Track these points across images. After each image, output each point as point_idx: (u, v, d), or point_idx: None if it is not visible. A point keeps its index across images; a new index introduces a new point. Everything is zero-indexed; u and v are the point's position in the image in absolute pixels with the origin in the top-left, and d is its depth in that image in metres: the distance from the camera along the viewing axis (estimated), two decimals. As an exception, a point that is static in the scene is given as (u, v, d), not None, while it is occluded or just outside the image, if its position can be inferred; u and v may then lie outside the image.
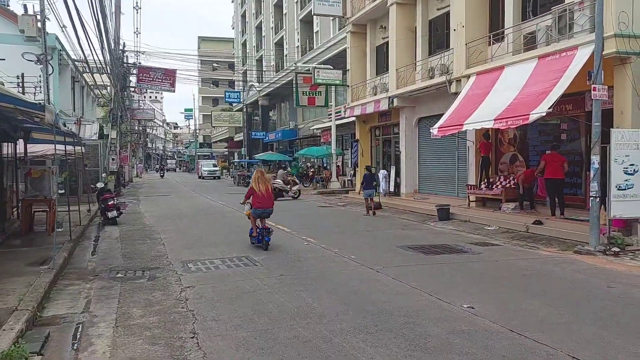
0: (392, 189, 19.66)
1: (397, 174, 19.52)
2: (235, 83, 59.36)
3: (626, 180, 9.23)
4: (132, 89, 38.01)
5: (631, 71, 9.83)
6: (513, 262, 8.48)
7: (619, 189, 9.22)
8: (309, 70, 28.03)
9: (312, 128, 34.40)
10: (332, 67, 24.83)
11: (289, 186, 22.79)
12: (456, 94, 14.63)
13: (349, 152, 30.04)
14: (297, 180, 23.78)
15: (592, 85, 9.19)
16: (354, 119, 23.75)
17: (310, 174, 31.31)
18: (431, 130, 13.76)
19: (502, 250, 9.66)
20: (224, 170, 53.73)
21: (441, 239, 10.90)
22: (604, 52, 9.35)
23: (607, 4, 9.39)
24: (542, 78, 11.04)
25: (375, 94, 20.88)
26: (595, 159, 9.33)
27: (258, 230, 9.85)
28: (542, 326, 5.20)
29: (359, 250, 9.64)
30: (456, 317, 5.53)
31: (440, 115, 15.56)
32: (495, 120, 11.15)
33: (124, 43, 29.31)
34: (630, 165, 9.25)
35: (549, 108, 9.82)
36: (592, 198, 9.36)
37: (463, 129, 12.51)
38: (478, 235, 11.48)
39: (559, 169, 11.56)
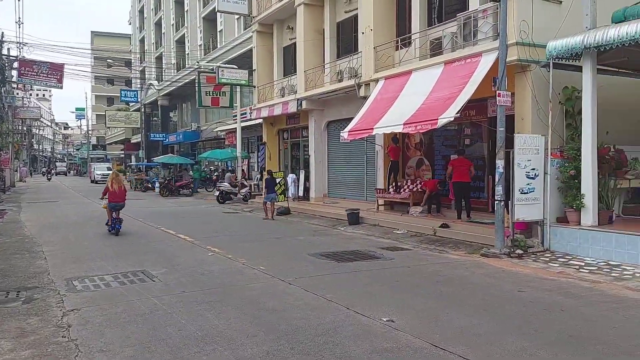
0: (301, 193, 19.42)
1: (307, 178, 19.30)
2: (133, 81, 56.24)
3: (528, 184, 9.54)
4: (15, 85, 34.41)
5: (531, 79, 10.22)
6: (425, 268, 8.45)
7: (521, 193, 9.51)
8: (213, 69, 27.02)
9: (215, 130, 33.44)
10: (237, 67, 24.05)
11: (236, 188, 21.77)
12: (365, 97, 14.63)
13: (255, 156, 29.51)
14: (246, 183, 22.84)
15: (497, 91, 9.41)
16: (261, 120, 23.33)
17: (214, 178, 30.21)
18: (341, 134, 13.62)
19: (413, 255, 9.72)
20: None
21: (353, 245, 10.79)
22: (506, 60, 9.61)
23: (510, 13, 9.67)
24: (448, 83, 11.24)
25: (283, 96, 20.55)
26: (500, 164, 9.54)
27: (113, 220, 12.23)
28: (464, 339, 4.98)
29: (269, 260, 9.14)
30: (377, 333, 5.16)
31: (349, 119, 15.51)
32: (404, 124, 11.19)
33: (2, 33, 26.40)
34: (532, 169, 9.58)
35: (457, 113, 9.99)
36: (497, 202, 9.57)
37: (373, 133, 12.47)
38: (388, 239, 11.54)
39: (465, 173, 11.84)
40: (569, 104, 10.45)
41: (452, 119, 10.04)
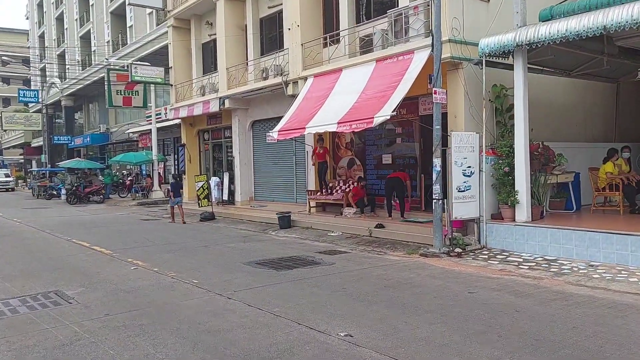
0: (226, 197, 18.75)
1: (232, 180, 18.66)
2: (32, 80, 51.83)
3: (465, 182, 9.57)
4: None
5: (463, 76, 10.29)
6: (369, 272, 8.21)
7: (459, 191, 9.51)
8: (124, 67, 25.36)
9: (127, 132, 31.86)
10: (151, 64, 22.68)
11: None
12: (293, 96, 14.28)
13: (172, 158, 28.32)
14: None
15: (433, 89, 9.36)
16: (178, 121, 22.39)
17: (128, 182, 28.49)
18: (270, 134, 13.22)
19: (353, 258, 9.54)
20: (20, 181, 46.99)
21: (289, 250, 10.46)
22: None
23: (442, 10, 9.61)
24: (381, 81, 11.12)
25: (203, 94, 19.76)
26: (437, 162, 9.50)
27: None
28: (431, 351, 4.63)
29: (201, 272, 8.49)
30: (337, 352, 4.68)
31: (276, 119, 15.19)
32: (338, 123, 10.94)
33: None
34: (468, 167, 9.61)
35: (393, 111, 9.86)
36: (435, 201, 9.50)
37: (305, 133, 12.11)
38: (324, 242, 11.37)
39: (399, 173, 11.92)
40: (498, 101, 10.62)
41: (388, 117, 9.90)
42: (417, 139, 12.76)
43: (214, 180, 19.13)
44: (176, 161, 26.82)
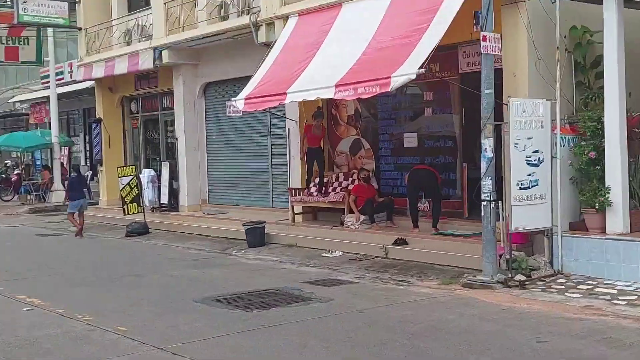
0: (165, 199, 18.80)
1: (173, 175, 18.71)
2: None
3: (530, 174, 9.58)
4: None
5: (526, 13, 10.23)
6: (387, 312, 8.33)
7: (521, 188, 9.54)
8: (7, 1, 25.22)
9: (12, 101, 32.00)
10: (48, -2, 22.56)
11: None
12: (268, 44, 14.26)
13: (81, 141, 28.15)
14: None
15: (481, 33, 9.32)
16: (91, 84, 22.39)
17: (14, 178, 28.43)
18: (233, 104, 13.33)
19: (361, 290, 9.64)
20: None
21: (263, 280, 10.66)
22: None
23: None
24: (402, 21, 11.16)
25: (129, 43, 19.80)
26: (488, 144, 9.53)
27: None
28: None
29: (131, 313, 8.63)
30: None
31: (242, 80, 15.22)
32: (337, 86, 10.99)
33: None
34: (534, 152, 9.62)
35: (421, 68, 9.81)
36: (484, 203, 9.52)
37: (287, 101, 12.17)
38: (316, 267, 11.53)
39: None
40: (579, 52, 10.67)
41: (413, 76, 9.88)
42: (455, 110, 12.79)
43: (146, 174, 19.11)
44: (88, 145, 26.70)
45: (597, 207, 9.55)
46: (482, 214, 9.54)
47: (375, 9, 11.85)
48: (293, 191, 14.77)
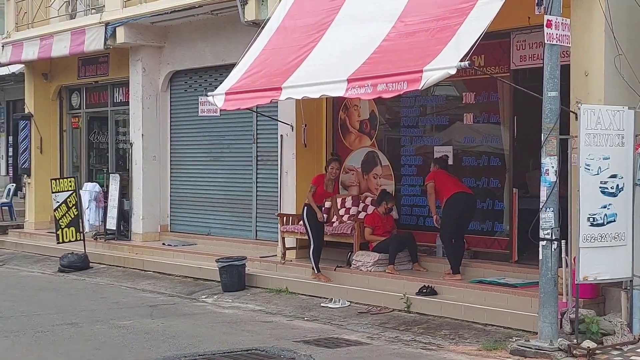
0: (113, 224, 18.75)
1: (125, 192, 18.73)
2: None
3: (605, 206, 9.49)
4: None
5: None
6: None
7: (592, 224, 9.45)
8: None
9: None
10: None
11: None
12: (257, 24, 14.23)
13: (3, 144, 28.62)
14: None
15: (546, 17, 9.31)
16: (20, 68, 22.54)
17: None
18: (207, 100, 13.47)
19: (374, 355, 9.72)
20: None
21: (244, 337, 10.70)
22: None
23: None
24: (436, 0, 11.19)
25: (72, 17, 20.00)
26: (551, 164, 9.46)
27: None
28: None
29: None
30: None
31: (222, 69, 15.64)
32: (350, 81, 10.92)
33: None
34: (611, 177, 9.53)
35: (463, 60, 9.71)
36: (543, 243, 9.44)
37: (280, 98, 12.11)
38: (314, 321, 11.62)
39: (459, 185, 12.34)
40: None
41: (452, 71, 9.77)
42: (505, 118, 12.76)
43: (89, 189, 19.14)
44: (11, 149, 26.70)
45: (693, 253, 9.42)
46: (540, 257, 9.46)
47: None
48: (285, 219, 14.61)
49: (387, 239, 13.12)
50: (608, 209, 9.47)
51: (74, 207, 17.43)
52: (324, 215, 13.99)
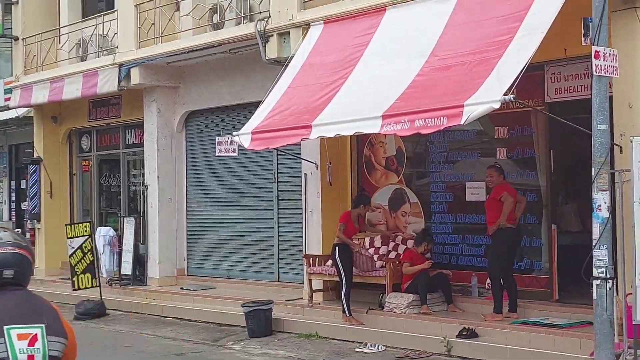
0: (128, 269, 18.55)
1: (141, 235, 18.56)
2: None
3: None
4: None
5: None
6: None
7: None
8: None
9: None
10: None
11: None
12: (280, 61, 14.21)
13: (6, 189, 27.98)
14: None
15: (594, 48, 9.27)
16: (25, 111, 22.34)
17: None
18: (235, 140, 13.38)
19: None
20: None
21: None
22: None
23: None
24: (474, 32, 11.18)
25: (84, 59, 19.83)
26: (603, 200, 9.39)
27: None
28: None
29: None
30: None
31: (241, 108, 15.77)
32: (385, 117, 10.93)
33: None
34: None
35: (508, 94, 9.68)
36: (597, 282, 9.33)
37: (311, 136, 12.11)
38: None
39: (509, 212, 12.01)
40: None
41: (496, 105, 9.74)
42: (541, 152, 12.69)
43: (103, 234, 19.05)
44: (14, 194, 26.51)
45: None
46: (595, 296, 9.40)
47: (433, 15, 11.86)
48: (311, 260, 14.47)
49: (415, 279, 12.99)
50: (665, 246, 9.42)
51: (89, 252, 17.23)
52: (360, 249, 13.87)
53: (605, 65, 9.28)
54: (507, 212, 11.93)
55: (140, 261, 18.56)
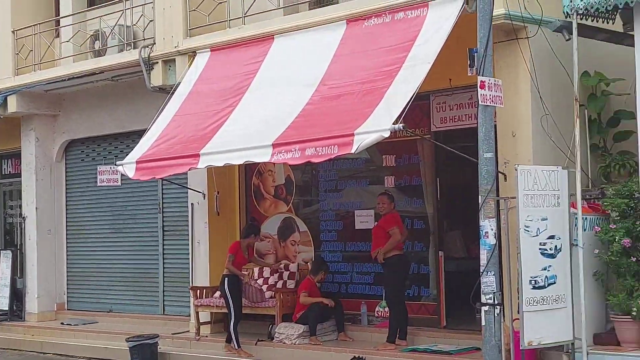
0: (4, 304, 18.04)
1: (17, 269, 18.18)
2: None
3: (545, 268, 9.48)
4: None
5: (530, 55, 10.39)
6: None
7: (534, 287, 9.41)
8: None
9: None
10: None
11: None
12: (165, 89, 14.07)
13: None
14: None
15: (479, 78, 9.42)
16: None
17: None
18: (106, 169, 13.71)
19: None
20: None
21: None
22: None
23: None
24: (361, 62, 11.19)
25: None
26: (489, 227, 9.51)
27: None
28: None
29: None
30: None
31: (124, 137, 15.57)
32: (275, 146, 10.86)
33: None
34: (550, 238, 9.56)
35: (396, 123, 9.74)
36: (485, 308, 9.43)
37: (199, 166, 11.93)
38: None
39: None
40: (593, 105, 10.87)
41: (385, 134, 9.78)
42: (427, 180, 12.85)
43: None
44: None
45: (633, 313, 9.37)
46: (483, 322, 9.47)
47: (322, 44, 11.86)
48: (198, 292, 14.28)
49: (308, 309, 12.90)
50: (548, 270, 9.49)
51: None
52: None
53: (490, 95, 9.40)
54: (391, 246, 11.97)
55: (17, 296, 18.08)
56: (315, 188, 14.56)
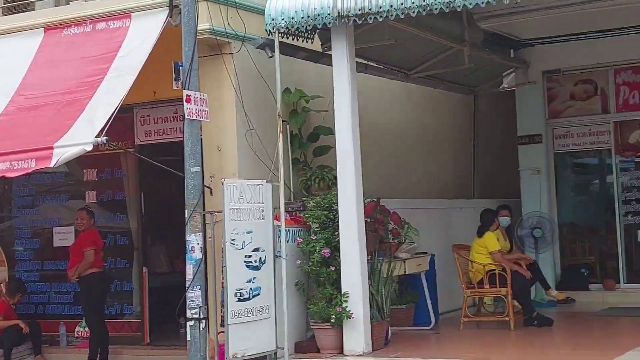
0: None
1: None
2: None
3: (250, 280, 9.65)
4: None
5: (235, 70, 10.55)
6: None
7: (239, 299, 9.53)
8: None
9: None
10: None
11: None
12: None
13: None
14: None
15: (185, 92, 9.43)
16: None
17: None
18: None
19: None
20: None
21: None
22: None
23: None
24: (61, 72, 10.85)
25: None
26: (196, 241, 9.49)
27: None
28: None
29: None
30: None
31: None
32: None
33: None
34: (255, 250, 9.74)
35: (99, 136, 9.48)
36: (191, 323, 9.37)
37: None
38: None
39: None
40: (295, 121, 11.19)
41: (88, 147, 9.49)
42: (131, 194, 12.72)
43: None
44: None
45: (332, 320, 9.71)
46: (189, 337, 9.37)
47: (18, 52, 11.36)
48: None
49: (1, 333, 12.28)
50: (253, 282, 9.66)
51: None
52: None
53: (196, 109, 9.43)
54: (85, 266, 11.69)
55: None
56: (8, 204, 14.01)
